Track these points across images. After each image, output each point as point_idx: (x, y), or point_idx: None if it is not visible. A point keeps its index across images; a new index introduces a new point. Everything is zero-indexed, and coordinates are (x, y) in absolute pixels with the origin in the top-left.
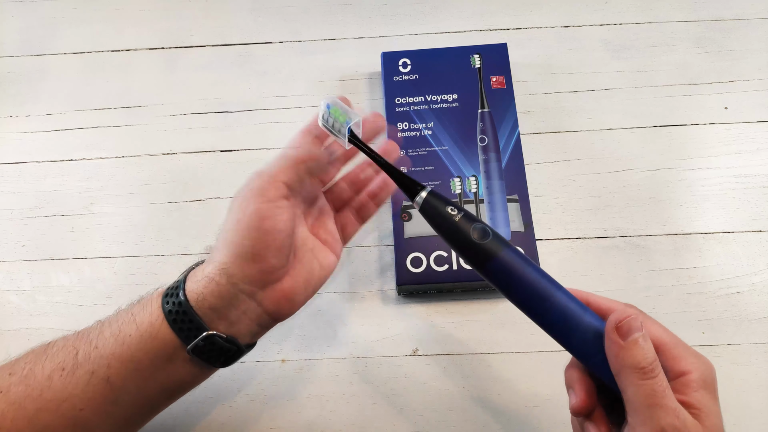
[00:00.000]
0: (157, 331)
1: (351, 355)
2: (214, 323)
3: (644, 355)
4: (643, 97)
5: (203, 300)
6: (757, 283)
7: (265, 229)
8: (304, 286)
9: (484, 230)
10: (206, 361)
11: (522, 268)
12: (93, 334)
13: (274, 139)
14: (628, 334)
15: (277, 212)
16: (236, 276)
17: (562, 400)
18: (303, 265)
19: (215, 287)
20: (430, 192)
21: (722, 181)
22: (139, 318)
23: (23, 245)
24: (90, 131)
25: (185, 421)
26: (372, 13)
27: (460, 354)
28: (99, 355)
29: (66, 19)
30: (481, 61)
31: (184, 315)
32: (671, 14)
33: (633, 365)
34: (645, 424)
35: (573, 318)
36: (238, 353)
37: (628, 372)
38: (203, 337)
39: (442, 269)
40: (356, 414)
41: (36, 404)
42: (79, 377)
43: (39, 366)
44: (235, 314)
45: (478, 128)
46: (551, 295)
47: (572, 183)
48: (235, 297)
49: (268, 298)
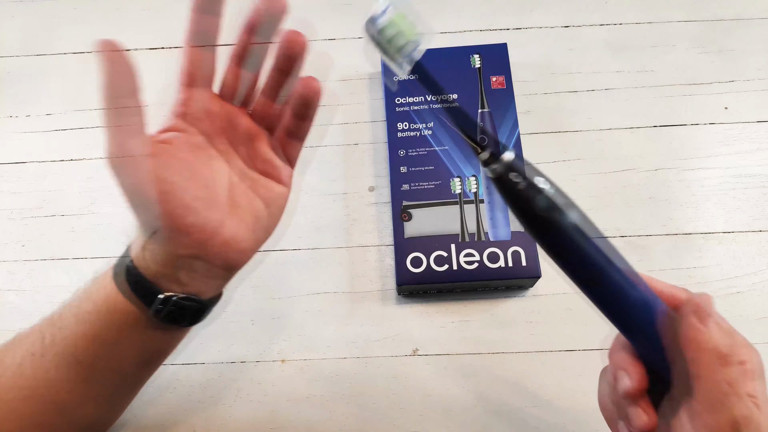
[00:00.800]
0: (114, 303)
1: (351, 355)
2: (167, 287)
3: (724, 341)
4: (643, 97)
5: (147, 268)
6: (757, 283)
7: (130, 182)
8: (251, 229)
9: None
10: (174, 323)
11: (581, 241)
12: (56, 317)
13: None
14: (707, 317)
15: (133, 152)
16: (159, 239)
17: (564, 400)
18: (243, 209)
19: (150, 255)
20: (515, 158)
21: (722, 181)
22: (95, 295)
23: (23, 245)
24: (90, 131)
25: (185, 421)
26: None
27: (460, 354)
28: (63, 336)
29: (66, 19)
30: (481, 61)
31: (136, 284)
32: (671, 14)
33: (713, 350)
34: (716, 412)
35: (629, 294)
36: (202, 309)
37: (706, 357)
38: (160, 300)
39: (442, 269)
40: (356, 414)
41: (11, 393)
42: (49, 361)
43: (9, 354)
44: (183, 275)
45: (478, 128)
46: (608, 268)
47: (572, 183)
48: (174, 260)
49: (212, 254)
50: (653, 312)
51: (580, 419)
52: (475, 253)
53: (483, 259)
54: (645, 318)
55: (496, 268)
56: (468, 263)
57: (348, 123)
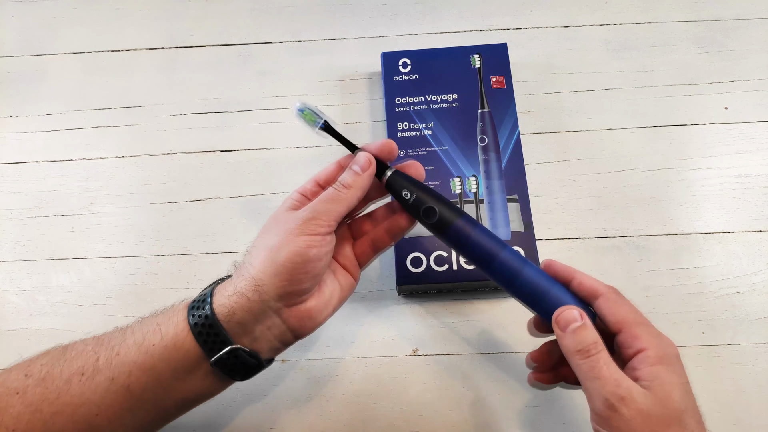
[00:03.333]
0: (182, 343)
1: (351, 355)
2: (238, 337)
3: (581, 340)
4: (643, 97)
5: (232, 314)
6: (757, 283)
7: (310, 258)
8: (325, 306)
9: (430, 211)
10: (227, 374)
11: (473, 236)
12: (115, 341)
13: (274, 139)
14: (566, 325)
15: (323, 247)
16: (269, 294)
17: (564, 400)
18: (326, 287)
19: (246, 302)
20: (392, 174)
21: (722, 181)
22: (164, 328)
23: (23, 245)
24: (90, 131)
25: (185, 422)
26: (372, 13)
27: (460, 354)
28: (120, 362)
29: (66, 19)
30: (481, 61)
31: (210, 328)
32: (671, 14)
33: (573, 349)
34: (593, 397)
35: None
36: (258, 367)
37: (571, 355)
38: (228, 350)
39: (442, 269)
40: (356, 414)
41: (53, 408)
42: (98, 383)
43: (57, 369)
44: (260, 330)
45: (478, 128)
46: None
47: (572, 183)
48: (263, 313)
49: (293, 316)
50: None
51: (580, 419)
52: None
53: None
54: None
55: None
56: (468, 263)
57: (348, 123)
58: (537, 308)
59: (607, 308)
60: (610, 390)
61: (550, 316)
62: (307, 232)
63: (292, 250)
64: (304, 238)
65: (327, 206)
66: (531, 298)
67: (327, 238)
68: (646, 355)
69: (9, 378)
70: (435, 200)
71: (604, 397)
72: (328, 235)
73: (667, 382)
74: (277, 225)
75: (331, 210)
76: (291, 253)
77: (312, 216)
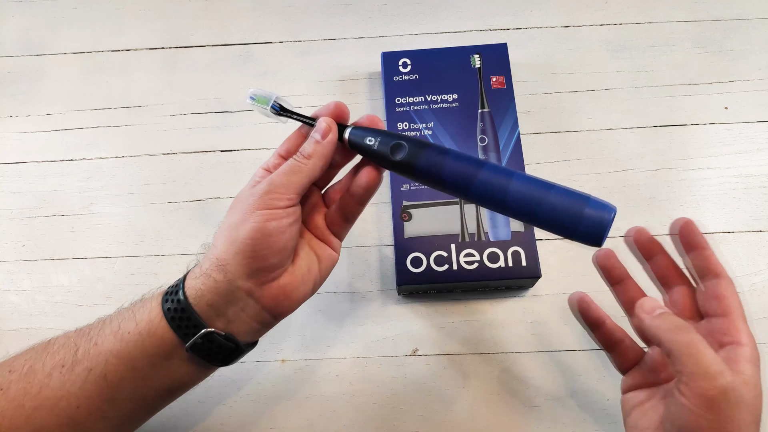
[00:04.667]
0: (155, 329)
1: (351, 355)
2: (212, 321)
3: (673, 320)
4: (643, 97)
5: (201, 297)
6: (757, 283)
7: (269, 232)
8: (303, 282)
9: (398, 146)
10: (205, 359)
11: (444, 161)
12: (93, 331)
13: (274, 139)
14: (653, 309)
15: (284, 219)
16: (234, 272)
17: (563, 400)
18: (301, 260)
19: (212, 283)
20: (352, 129)
21: (722, 181)
22: (138, 315)
23: (23, 245)
24: (90, 131)
25: (185, 422)
26: (372, 13)
27: (460, 354)
28: (98, 352)
29: (66, 19)
30: (481, 61)
31: (183, 312)
32: (671, 14)
33: (671, 326)
34: (695, 377)
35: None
36: (237, 351)
37: (666, 333)
38: (201, 334)
39: (442, 269)
40: (356, 414)
41: (34, 402)
42: (77, 374)
43: (39, 363)
44: (234, 311)
45: (478, 128)
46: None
47: (572, 183)
48: (233, 293)
49: (267, 296)
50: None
51: (580, 419)
52: (475, 253)
53: (483, 259)
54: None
55: (496, 268)
56: (468, 263)
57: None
58: (539, 220)
59: (724, 291)
60: (716, 369)
61: (553, 224)
62: (265, 207)
63: (250, 226)
64: (261, 212)
65: (286, 178)
66: (529, 210)
67: (289, 210)
68: (745, 351)
69: None
70: (400, 137)
71: (711, 375)
72: (290, 207)
73: (759, 384)
74: (238, 203)
75: (291, 182)
76: (250, 230)
77: (269, 189)
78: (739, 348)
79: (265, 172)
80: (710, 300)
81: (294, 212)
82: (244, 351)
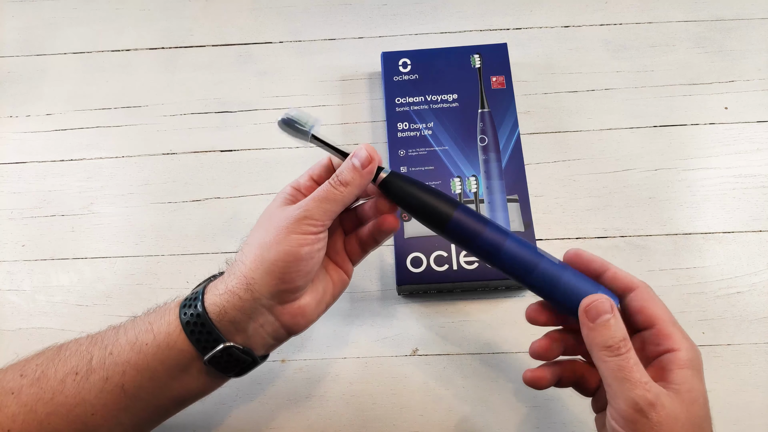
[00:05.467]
0: (174, 341)
1: (351, 355)
2: (231, 335)
3: (611, 335)
4: (643, 97)
5: (224, 313)
6: (757, 283)
7: (301, 257)
8: (319, 303)
9: (438, 216)
10: (221, 371)
11: (504, 244)
12: (108, 340)
13: (274, 139)
14: (596, 316)
15: (315, 245)
16: (260, 291)
17: (563, 400)
18: (319, 283)
19: (237, 301)
20: (388, 176)
21: (722, 181)
22: (156, 327)
23: (23, 245)
24: (90, 131)
25: (185, 421)
26: (372, 13)
27: (460, 354)
28: (114, 362)
29: (66, 19)
30: (481, 61)
31: (203, 326)
32: (671, 14)
33: (601, 344)
34: (618, 397)
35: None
36: (252, 364)
37: (597, 350)
38: (221, 348)
39: (442, 269)
40: (356, 414)
41: (47, 408)
42: (93, 383)
43: (52, 369)
44: (253, 327)
45: (478, 128)
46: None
47: (572, 183)
48: (256, 311)
49: (287, 314)
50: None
51: (580, 419)
52: None
53: None
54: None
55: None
56: (468, 263)
57: (348, 123)
58: (551, 297)
59: (642, 302)
60: (639, 394)
61: (564, 306)
62: (299, 231)
63: (283, 249)
64: (295, 236)
65: (321, 205)
66: (545, 286)
67: (319, 236)
68: (678, 357)
69: (4, 378)
70: (451, 203)
71: (633, 400)
72: (321, 233)
73: (695, 388)
74: (269, 222)
75: (325, 209)
76: (282, 253)
77: (304, 215)
78: (673, 354)
79: (294, 191)
80: (635, 315)
81: (324, 238)
82: (258, 363)
